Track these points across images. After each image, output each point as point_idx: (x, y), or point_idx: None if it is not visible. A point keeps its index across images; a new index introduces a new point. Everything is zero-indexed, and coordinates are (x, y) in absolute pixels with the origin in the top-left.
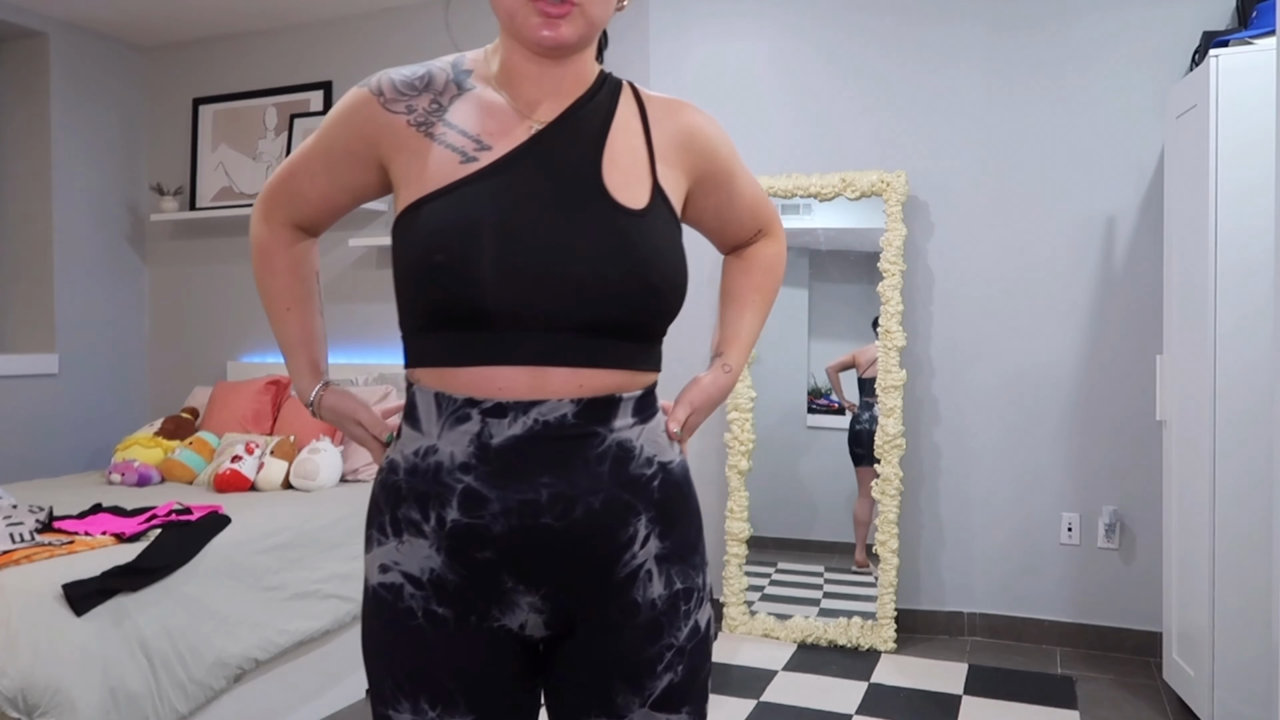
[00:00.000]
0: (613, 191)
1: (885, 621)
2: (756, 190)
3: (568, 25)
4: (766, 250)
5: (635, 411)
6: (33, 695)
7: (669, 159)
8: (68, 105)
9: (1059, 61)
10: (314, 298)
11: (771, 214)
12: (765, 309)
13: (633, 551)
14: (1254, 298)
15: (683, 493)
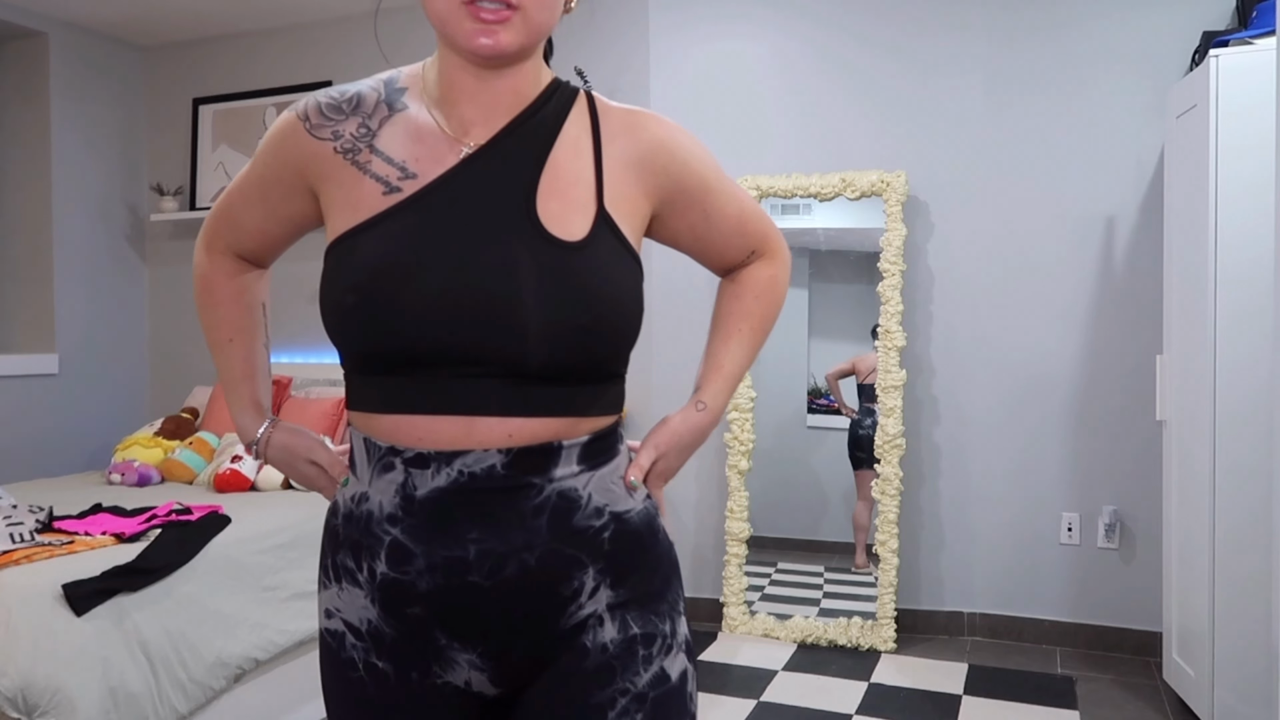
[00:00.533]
0: (546, 222)
1: (885, 621)
2: (744, 207)
3: (507, 32)
4: (759, 273)
5: (582, 458)
6: (33, 695)
7: (624, 180)
8: (68, 105)
9: (1059, 62)
10: (259, 329)
11: (766, 233)
12: (756, 338)
13: (579, 603)
14: (1254, 297)
15: (642, 542)
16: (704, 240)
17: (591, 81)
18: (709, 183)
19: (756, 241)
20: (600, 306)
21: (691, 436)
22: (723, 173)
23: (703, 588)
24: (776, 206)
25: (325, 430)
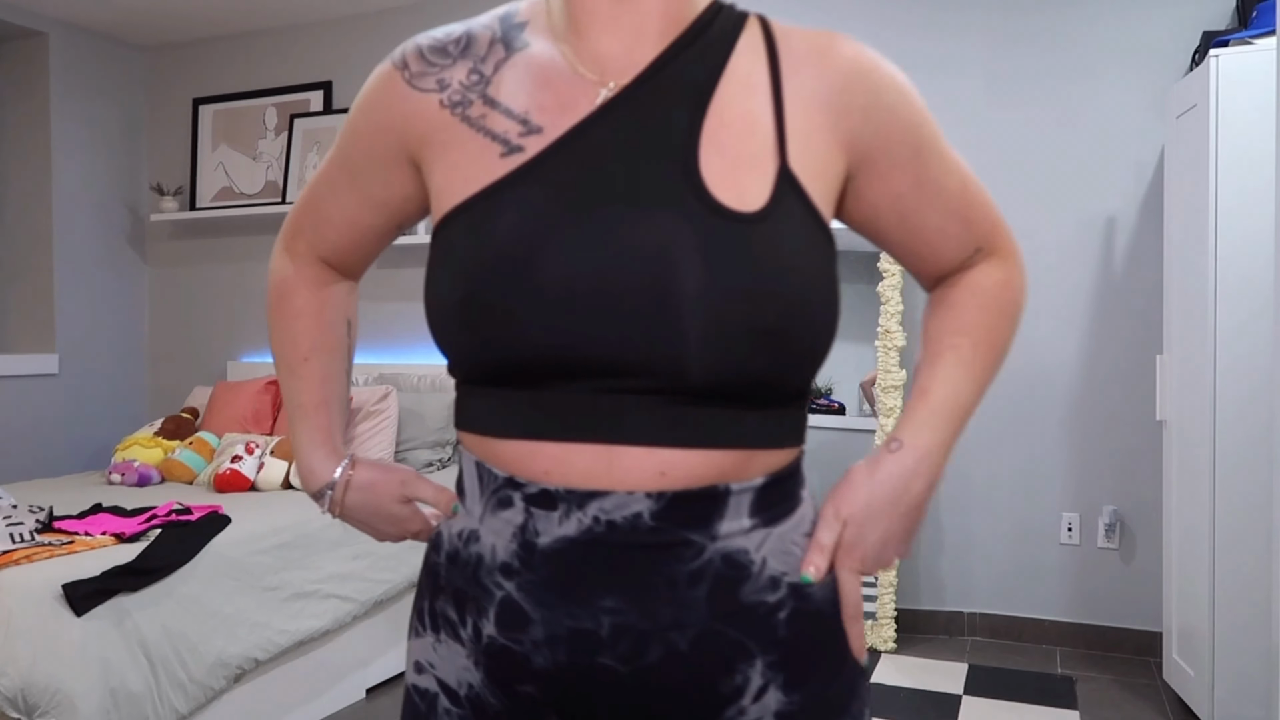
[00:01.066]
0: (712, 186)
1: (885, 621)
2: (968, 184)
3: None
4: (985, 276)
5: (756, 509)
6: (33, 695)
7: (812, 126)
8: (68, 105)
9: (1059, 62)
10: (341, 350)
11: (995, 222)
12: (981, 358)
13: (740, 706)
14: (1254, 298)
15: (827, 627)
16: (911, 221)
17: None
18: (924, 139)
19: (983, 233)
20: (785, 298)
21: (889, 490)
22: (939, 132)
23: None
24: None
25: None
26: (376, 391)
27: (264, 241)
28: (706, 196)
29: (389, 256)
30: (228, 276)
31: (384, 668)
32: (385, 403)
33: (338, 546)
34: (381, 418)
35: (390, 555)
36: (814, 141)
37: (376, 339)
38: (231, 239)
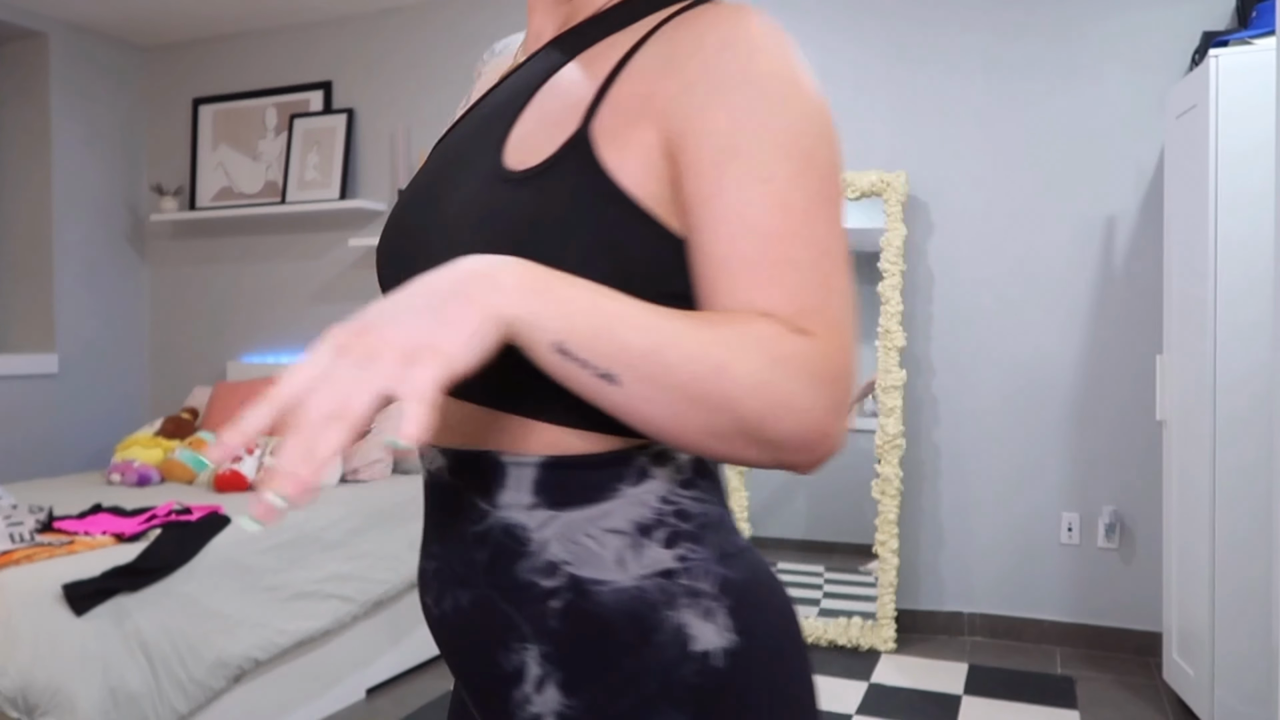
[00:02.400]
0: (508, 150)
1: (885, 621)
2: (788, 234)
3: None
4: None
5: (540, 488)
6: (33, 695)
7: (634, 91)
8: (68, 105)
9: (1059, 61)
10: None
11: (806, 304)
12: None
13: (524, 693)
14: (1254, 298)
15: (612, 638)
16: (693, 240)
17: None
18: (739, 149)
19: (779, 303)
20: (536, 259)
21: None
22: (781, 153)
23: None
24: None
25: None
26: None
27: (264, 241)
28: (497, 159)
29: None
30: (228, 276)
31: (384, 668)
32: None
33: (338, 546)
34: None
35: (390, 555)
36: (629, 105)
37: None
38: (231, 239)
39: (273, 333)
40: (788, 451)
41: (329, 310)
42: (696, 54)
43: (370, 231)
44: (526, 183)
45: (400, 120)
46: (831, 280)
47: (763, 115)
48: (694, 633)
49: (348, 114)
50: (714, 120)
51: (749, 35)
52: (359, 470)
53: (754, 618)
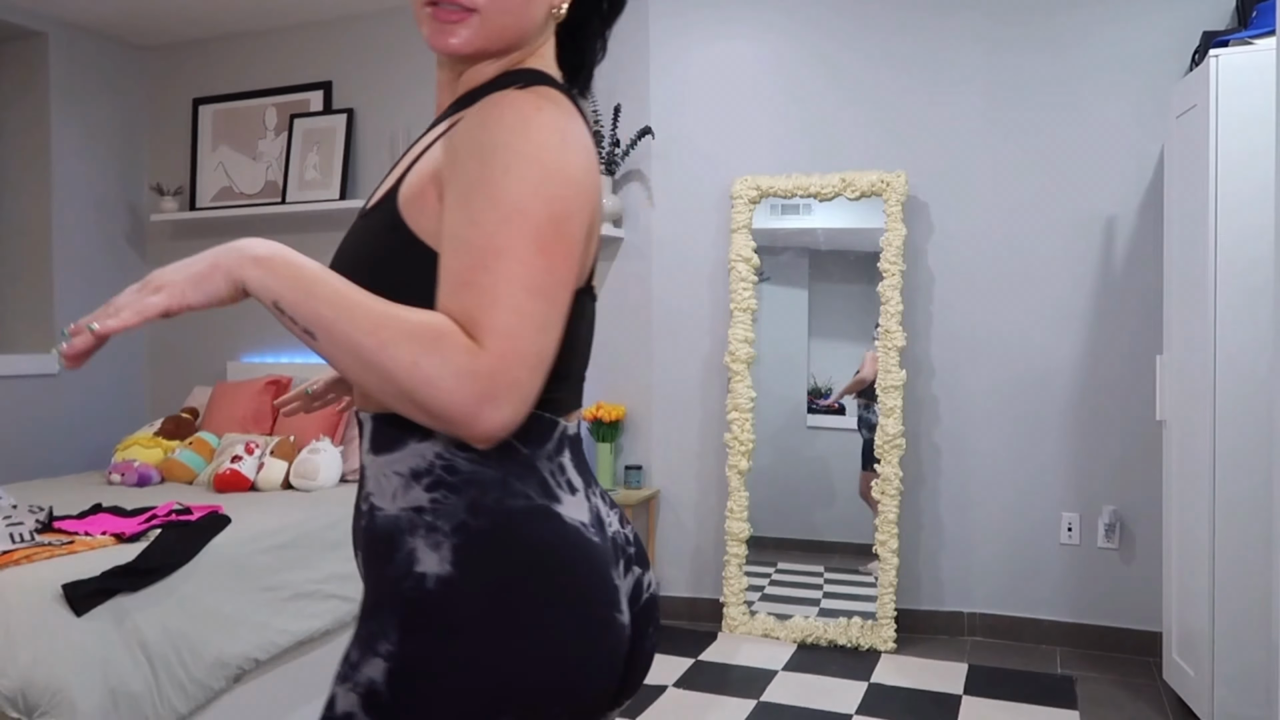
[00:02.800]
0: (374, 191)
1: (885, 621)
2: (480, 256)
3: (465, 30)
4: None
5: (371, 439)
6: (33, 695)
7: (433, 155)
8: (68, 105)
9: (1059, 62)
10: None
11: (474, 318)
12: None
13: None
14: (1254, 297)
15: (376, 552)
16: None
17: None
18: (469, 186)
19: (460, 311)
20: (339, 266)
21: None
22: (499, 192)
23: (703, 588)
24: (777, 206)
25: (325, 430)
26: None
27: None
28: (366, 200)
29: None
30: None
31: None
32: None
33: (338, 546)
34: None
35: None
36: (426, 166)
37: None
38: (231, 239)
39: (273, 333)
40: (443, 423)
41: None
42: (465, 129)
43: None
44: (365, 216)
45: (400, 120)
46: (508, 304)
47: (488, 176)
48: (420, 557)
49: (348, 114)
50: (460, 177)
51: (499, 115)
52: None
53: (477, 559)
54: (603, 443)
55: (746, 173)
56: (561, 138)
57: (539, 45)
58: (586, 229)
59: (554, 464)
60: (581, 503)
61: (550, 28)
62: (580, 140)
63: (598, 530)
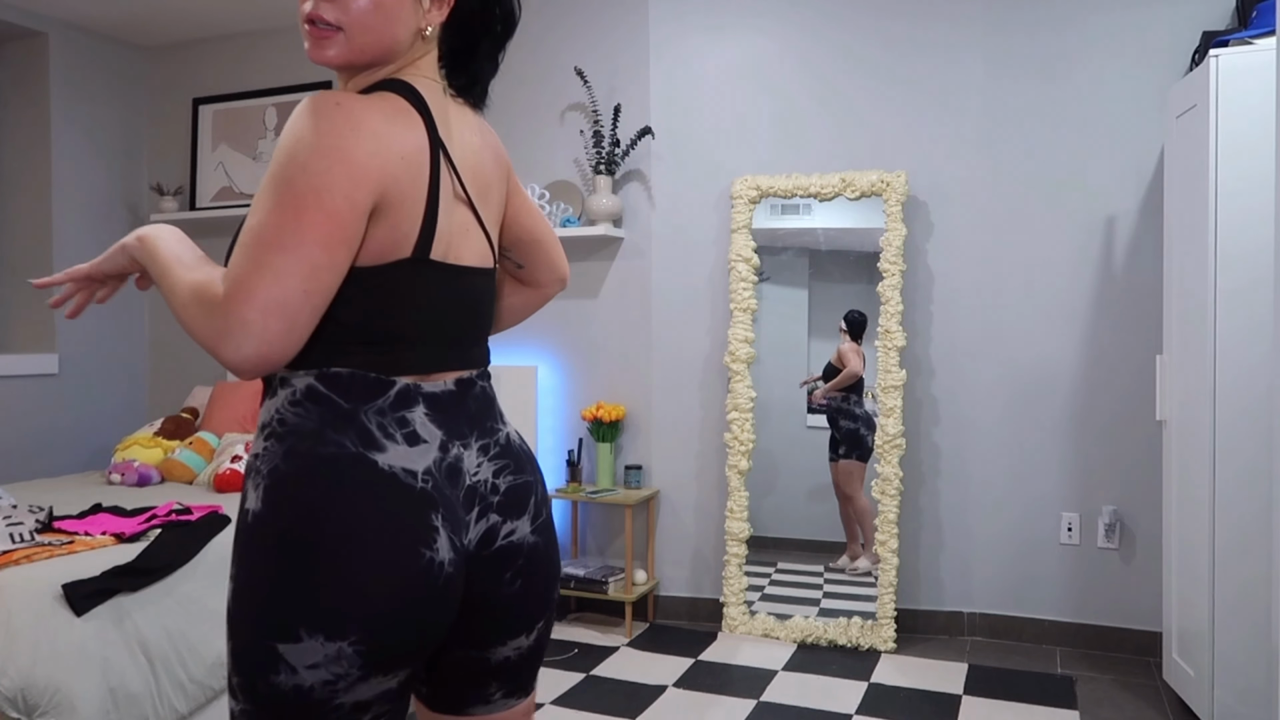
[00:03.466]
0: None
1: (885, 621)
2: (246, 226)
3: (332, 48)
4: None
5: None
6: (33, 695)
7: None
8: (68, 105)
9: (1059, 61)
10: None
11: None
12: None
13: None
14: (1254, 297)
15: (240, 491)
16: None
17: (591, 81)
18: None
19: (222, 272)
20: None
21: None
22: (273, 178)
23: (703, 588)
24: (777, 206)
25: None
26: None
27: None
28: None
29: None
30: None
31: None
32: None
33: None
34: None
35: None
36: None
37: None
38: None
39: None
40: (209, 353)
41: None
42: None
43: None
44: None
45: None
46: (246, 255)
47: (274, 155)
48: (248, 496)
49: None
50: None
51: (300, 109)
52: None
53: (280, 498)
54: (603, 443)
55: (746, 173)
56: (354, 127)
57: (415, 58)
58: (361, 201)
59: (387, 418)
60: (423, 451)
61: (426, 44)
62: (379, 131)
63: (436, 476)
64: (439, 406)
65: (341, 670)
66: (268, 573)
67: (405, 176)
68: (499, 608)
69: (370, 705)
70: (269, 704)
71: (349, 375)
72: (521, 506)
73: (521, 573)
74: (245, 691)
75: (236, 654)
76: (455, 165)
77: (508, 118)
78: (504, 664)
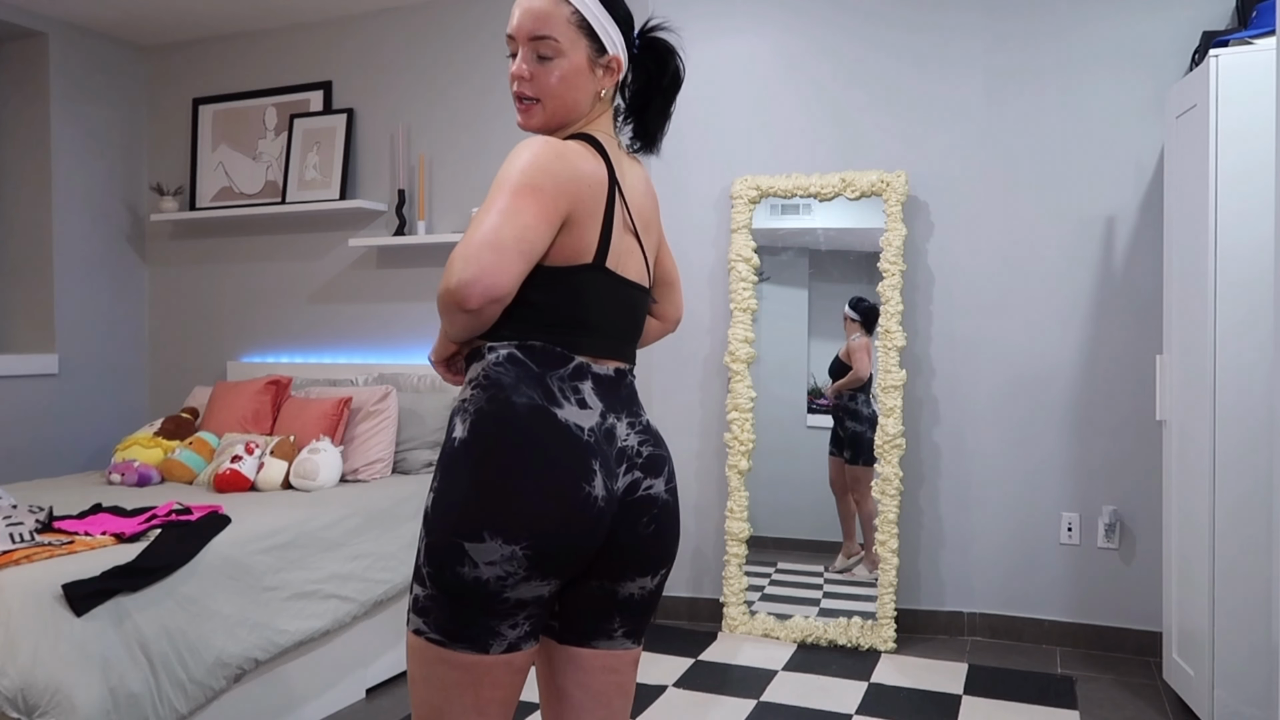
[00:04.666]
0: None
1: (885, 621)
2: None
3: (533, 117)
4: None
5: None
6: (33, 695)
7: None
8: (68, 105)
9: (1059, 61)
10: None
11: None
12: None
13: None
14: (1254, 297)
15: (448, 424)
16: None
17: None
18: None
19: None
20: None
21: None
22: (496, 188)
23: (703, 588)
24: (777, 206)
25: (325, 430)
26: (376, 391)
27: (264, 241)
28: None
29: (389, 257)
30: (228, 276)
31: (384, 668)
32: (385, 403)
33: (338, 546)
34: (381, 418)
35: (390, 555)
36: None
37: (376, 339)
38: (231, 239)
39: (273, 333)
40: (444, 295)
41: (329, 310)
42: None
43: (370, 231)
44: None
45: (400, 120)
46: (480, 219)
47: (496, 180)
48: (455, 427)
49: (348, 114)
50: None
51: (519, 144)
52: (359, 470)
53: (482, 429)
54: None
55: (746, 173)
56: (559, 158)
57: (595, 116)
58: (562, 202)
59: (567, 384)
60: (589, 414)
61: (604, 103)
62: (576, 164)
63: (596, 435)
64: (602, 385)
65: (511, 569)
66: (465, 487)
67: (591, 200)
68: (633, 547)
69: (526, 605)
70: (453, 589)
71: (541, 347)
72: (658, 470)
73: (655, 520)
74: (433, 579)
75: (430, 548)
76: (626, 200)
77: (509, 118)
78: (628, 600)
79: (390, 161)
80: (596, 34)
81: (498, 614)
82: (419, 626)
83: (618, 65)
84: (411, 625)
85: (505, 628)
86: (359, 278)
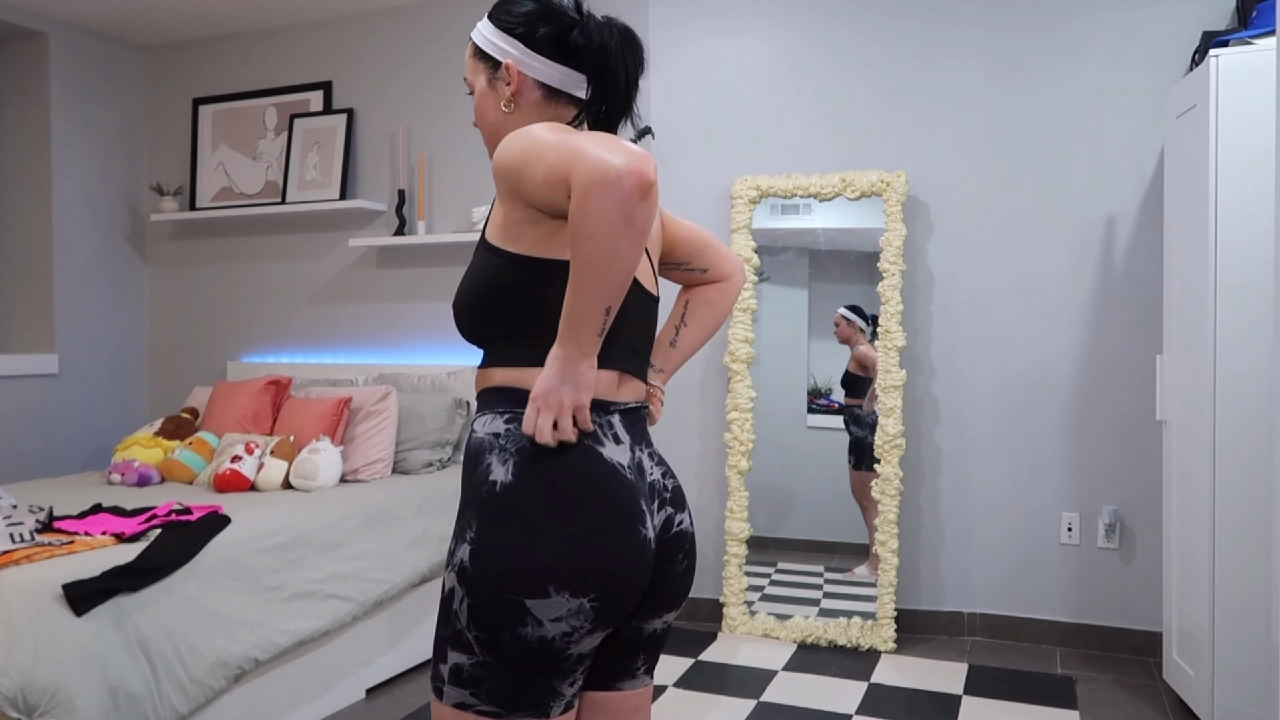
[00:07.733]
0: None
1: (885, 621)
2: (547, 157)
3: (488, 147)
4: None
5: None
6: (33, 695)
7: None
8: (68, 105)
9: (1059, 61)
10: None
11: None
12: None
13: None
14: (1254, 297)
15: (468, 464)
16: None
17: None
18: (508, 176)
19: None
20: (459, 293)
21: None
22: (525, 161)
23: (703, 588)
24: (777, 206)
25: (325, 430)
26: (376, 392)
27: (264, 241)
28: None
29: (389, 257)
30: (228, 276)
31: (384, 668)
32: (385, 403)
33: (338, 546)
34: (381, 418)
35: (390, 555)
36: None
37: (376, 339)
38: (231, 239)
39: (273, 333)
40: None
41: (329, 310)
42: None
43: (370, 231)
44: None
45: (400, 120)
46: (572, 150)
47: (512, 160)
48: (494, 469)
49: (348, 114)
50: (513, 166)
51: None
52: (359, 470)
53: (531, 471)
54: None
55: (746, 173)
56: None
57: (515, 127)
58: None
59: (601, 419)
60: (625, 451)
61: (522, 110)
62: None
63: (634, 471)
64: (627, 417)
65: (578, 623)
66: (518, 536)
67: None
68: (667, 584)
69: (585, 659)
70: (512, 654)
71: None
72: (682, 503)
73: (687, 556)
74: (487, 645)
75: (476, 609)
76: None
77: None
78: (651, 636)
79: (390, 161)
80: (489, 54)
81: (561, 673)
82: (463, 700)
83: (513, 71)
84: (451, 699)
85: (565, 686)
86: (359, 278)
